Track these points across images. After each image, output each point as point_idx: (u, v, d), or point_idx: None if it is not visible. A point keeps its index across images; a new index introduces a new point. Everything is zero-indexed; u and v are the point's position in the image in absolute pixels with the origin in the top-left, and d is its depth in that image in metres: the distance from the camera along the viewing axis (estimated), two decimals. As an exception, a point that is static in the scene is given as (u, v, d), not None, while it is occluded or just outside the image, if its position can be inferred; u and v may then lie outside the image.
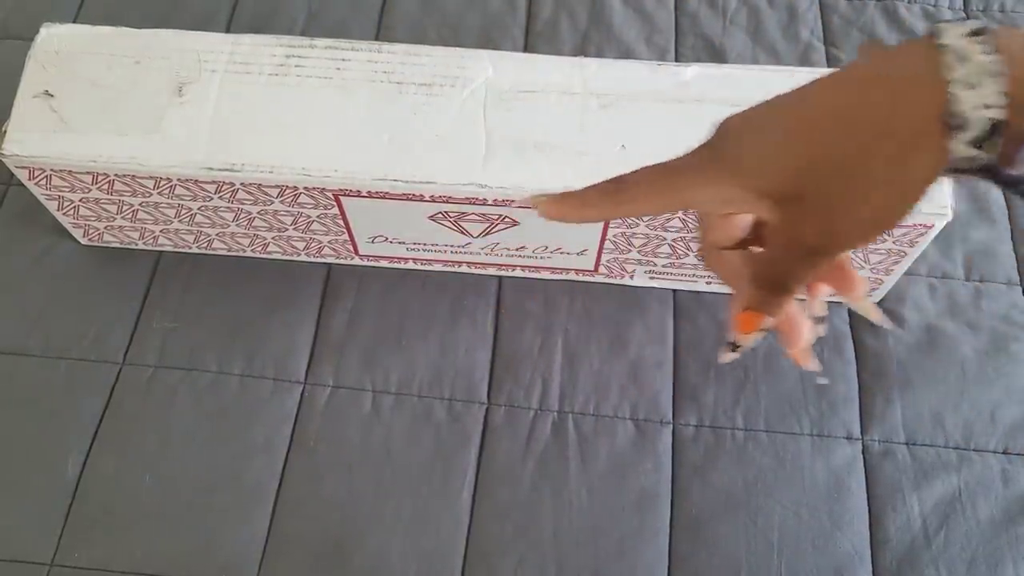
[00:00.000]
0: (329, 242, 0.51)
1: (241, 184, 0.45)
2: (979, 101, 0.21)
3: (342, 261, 0.53)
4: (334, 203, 0.46)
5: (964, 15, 0.63)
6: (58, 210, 0.50)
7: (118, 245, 0.54)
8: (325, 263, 0.54)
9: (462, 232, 0.48)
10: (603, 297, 0.53)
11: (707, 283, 0.52)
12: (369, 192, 0.45)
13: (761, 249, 0.29)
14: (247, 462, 0.48)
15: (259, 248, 0.52)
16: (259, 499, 0.47)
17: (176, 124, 0.45)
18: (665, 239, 0.47)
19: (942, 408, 0.50)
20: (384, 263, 0.53)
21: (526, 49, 0.62)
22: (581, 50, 0.61)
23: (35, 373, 0.50)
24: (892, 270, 0.49)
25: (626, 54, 0.61)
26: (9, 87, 0.46)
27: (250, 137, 0.45)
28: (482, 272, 0.53)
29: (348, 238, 0.50)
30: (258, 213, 0.48)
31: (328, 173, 0.44)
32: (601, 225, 0.47)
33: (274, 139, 0.45)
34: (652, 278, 0.52)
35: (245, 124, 0.45)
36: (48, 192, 0.48)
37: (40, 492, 0.47)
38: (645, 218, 0.45)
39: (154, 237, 0.52)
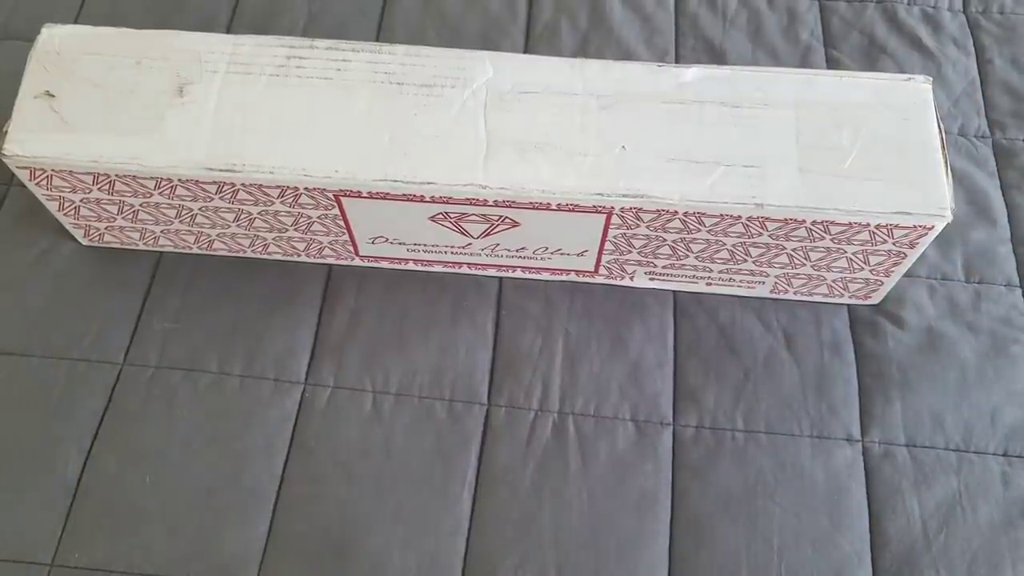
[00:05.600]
0: (330, 243, 0.51)
1: (242, 185, 0.45)
2: None
3: (343, 262, 0.53)
4: (334, 204, 0.46)
5: (964, 18, 0.64)
6: (59, 210, 0.50)
7: (119, 245, 0.54)
8: (325, 264, 0.54)
9: (462, 233, 0.48)
10: (603, 298, 0.53)
11: (707, 284, 0.52)
12: (369, 193, 0.45)
13: None
14: (247, 462, 0.48)
15: (260, 249, 0.53)
16: (259, 499, 0.47)
17: (177, 125, 0.45)
18: (665, 240, 0.47)
19: (942, 410, 0.50)
20: (385, 264, 0.53)
21: (526, 50, 0.62)
22: (581, 52, 0.62)
23: (35, 373, 0.50)
24: (892, 272, 0.49)
25: (626, 56, 0.61)
26: (10, 88, 0.46)
27: (251, 138, 0.45)
28: (482, 273, 0.53)
29: (349, 239, 0.50)
30: (259, 214, 0.48)
31: (329, 174, 0.44)
32: (602, 226, 0.47)
33: (275, 140, 0.45)
34: (652, 279, 0.52)
35: (246, 125, 0.45)
36: (49, 192, 0.48)
37: (40, 492, 0.47)
38: (646, 219, 0.46)
39: (155, 238, 0.52)
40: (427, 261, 0.52)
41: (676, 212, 0.45)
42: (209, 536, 0.46)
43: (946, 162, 0.45)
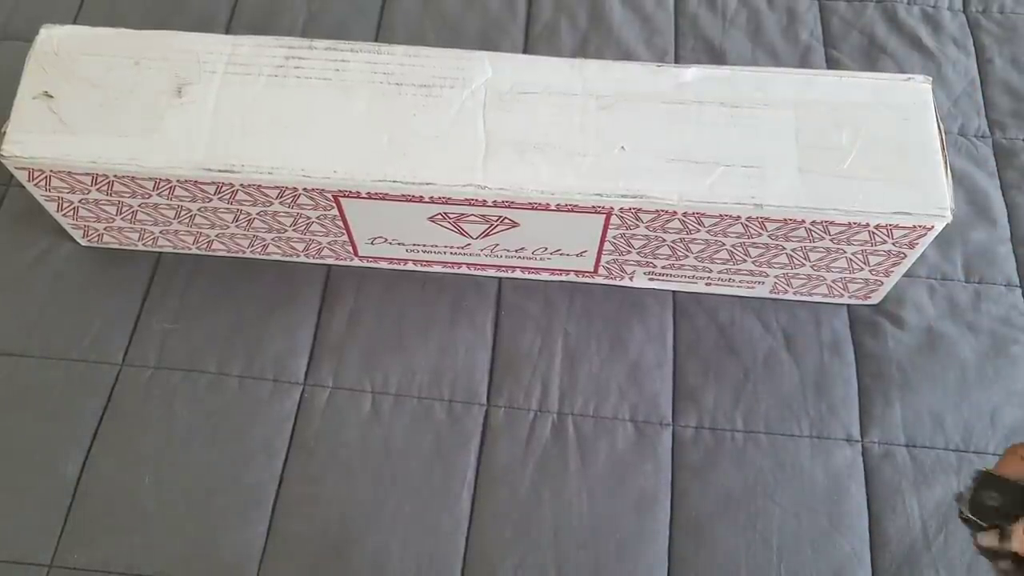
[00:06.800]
0: (329, 243, 0.51)
1: (240, 185, 0.45)
2: None
3: (342, 262, 0.53)
4: (333, 204, 0.46)
5: (964, 17, 0.63)
6: (58, 211, 0.50)
7: (118, 246, 0.54)
8: (325, 264, 0.54)
9: (461, 233, 0.48)
10: (603, 298, 0.53)
11: (707, 284, 0.52)
12: (368, 193, 0.45)
13: None
14: (247, 463, 0.48)
15: (259, 249, 0.52)
16: (259, 499, 0.47)
17: (175, 125, 0.45)
18: (665, 240, 0.47)
19: (942, 410, 0.50)
20: (384, 264, 0.53)
21: (526, 51, 0.62)
22: (581, 52, 0.62)
23: (35, 374, 0.50)
24: (892, 272, 0.49)
25: (626, 56, 0.61)
26: (9, 88, 0.46)
27: (249, 138, 0.45)
28: (482, 273, 0.53)
29: (348, 239, 0.50)
30: (257, 214, 0.48)
31: (327, 174, 0.44)
32: (601, 226, 0.47)
33: (273, 140, 0.45)
34: (651, 279, 0.52)
35: (244, 125, 0.45)
36: (48, 193, 0.48)
37: (40, 492, 0.47)
38: (645, 219, 0.46)
39: (154, 238, 0.52)
40: (426, 261, 0.52)
41: (675, 212, 0.45)
42: (209, 536, 0.46)
43: (946, 162, 0.45)
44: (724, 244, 0.47)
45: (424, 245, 0.50)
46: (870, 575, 0.46)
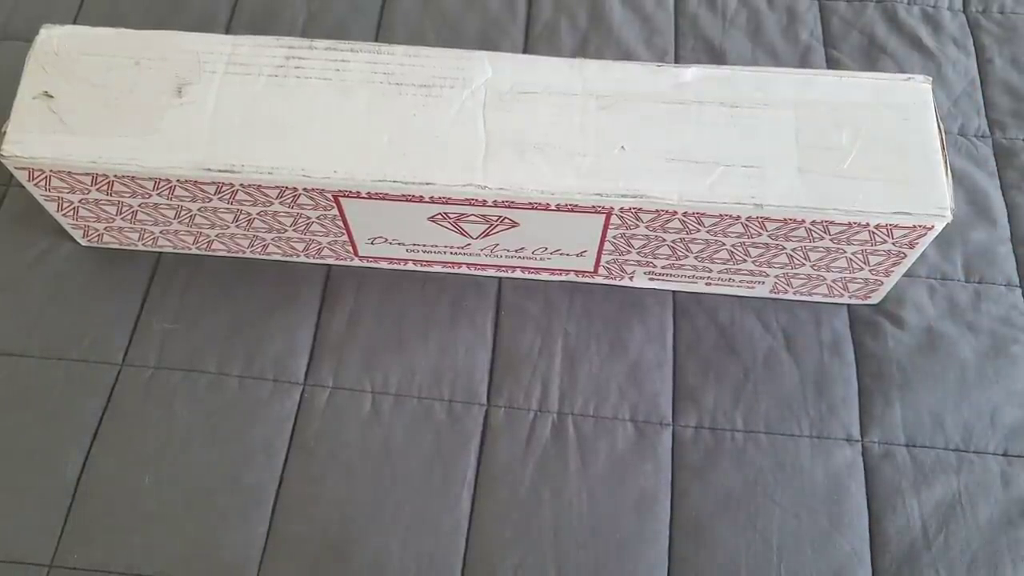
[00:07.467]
0: (329, 243, 0.51)
1: (240, 185, 0.45)
2: None
3: (342, 262, 0.53)
4: (333, 204, 0.46)
5: (964, 17, 0.63)
6: (58, 211, 0.50)
7: (118, 246, 0.54)
8: (325, 264, 0.54)
9: (462, 233, 0.48)
10: (603, 298, 0.53)
11: (707, 284, 0.52)
12: (368, 193, 0.45)
13: None
14: (247, 463, 0.48)
15: (259, 249, 0.52)
16: (259, 500, 0.47)
17: (175, 125, 0.45)
18: (665, 240, 0.47)
19: (942, 410, 0.50)
20: (384, 264, 0.53)
21: (525, 50, 0.62)
22: (580, 52, 0.62)
23: (35, 373, 0.50)
24: (891, 271, 0.49)
25: (626, 56, 0.61)
26: (9, 88, 0.46)
27: (249, 138, 0.45)
28: (482, 273, 0.53)
29: (348, 239, 0.50)
30: (257, 214, 0.48)
31: (327, 174, 0.44)
32: (601, 226, 0.47)
33: (273, 140, 0.45)
34: (652, 279, 0.52)
35: (245, 125, 0.45)
36: (47, 193, 0.48)
37: (40, 492, 0.47)
38: (645, 219, 0.46)
39: (154, 238, 0.52)
40: (426, 261, 0.52)
41: (675, 212, 0.45)
42: (209, 536, 0.46)
43: (946, 162, 0.45)
44: (724, 244, 0.47)
45: (424, 245, 0.50)
46: (870, 575, 0.46)
